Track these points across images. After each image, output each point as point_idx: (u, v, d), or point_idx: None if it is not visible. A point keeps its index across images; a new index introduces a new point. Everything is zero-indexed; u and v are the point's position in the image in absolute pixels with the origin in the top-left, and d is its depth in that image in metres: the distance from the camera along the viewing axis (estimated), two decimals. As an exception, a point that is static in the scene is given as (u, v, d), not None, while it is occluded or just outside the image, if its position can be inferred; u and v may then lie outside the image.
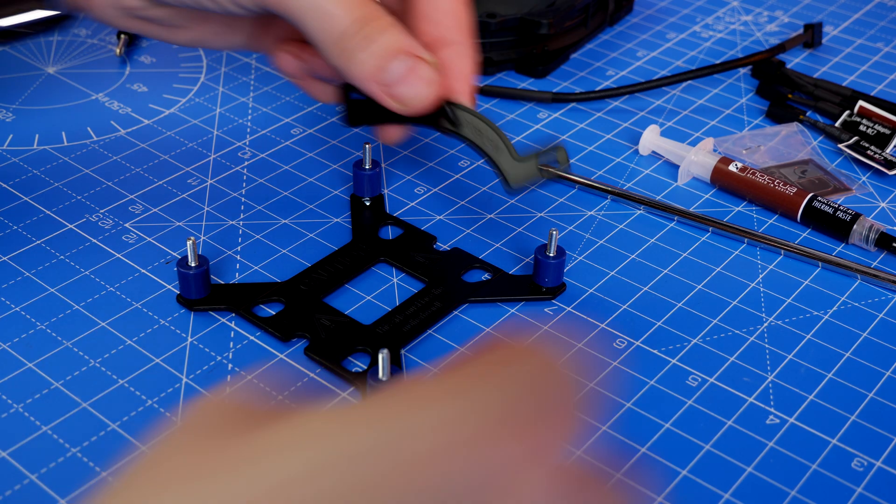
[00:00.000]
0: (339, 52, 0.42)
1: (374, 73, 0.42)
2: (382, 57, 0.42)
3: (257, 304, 0.45)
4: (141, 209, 0.51)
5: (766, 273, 0.48)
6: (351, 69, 0.42)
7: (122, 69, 0.63)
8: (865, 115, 0.58)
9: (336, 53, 0.42)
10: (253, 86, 0.62)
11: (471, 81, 0.45)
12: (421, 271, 0.47)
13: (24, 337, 0.43)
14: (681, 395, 0.42)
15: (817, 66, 0.66)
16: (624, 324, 0.45)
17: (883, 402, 0.42)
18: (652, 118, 0.60)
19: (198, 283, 0.44)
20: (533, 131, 0.58)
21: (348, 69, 0.42)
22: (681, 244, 0.50)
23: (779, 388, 0.42)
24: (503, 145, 0.44)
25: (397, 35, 0.42)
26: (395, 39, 0.42)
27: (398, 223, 0.50)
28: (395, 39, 0.42)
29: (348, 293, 0.46)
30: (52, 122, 0.58)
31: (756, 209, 0.53)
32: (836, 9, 0.73)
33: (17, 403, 0.40)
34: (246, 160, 0.55)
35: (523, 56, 0.63)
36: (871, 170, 0.56)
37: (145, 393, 0.41)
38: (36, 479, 0.37)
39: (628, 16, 0.71)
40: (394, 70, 0.42)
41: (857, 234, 0.50)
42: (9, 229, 0.49)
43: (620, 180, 0.55)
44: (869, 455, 0.39)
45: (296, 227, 0.50)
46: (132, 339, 0.44)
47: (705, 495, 0.38)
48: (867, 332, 0.45)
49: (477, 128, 0.45)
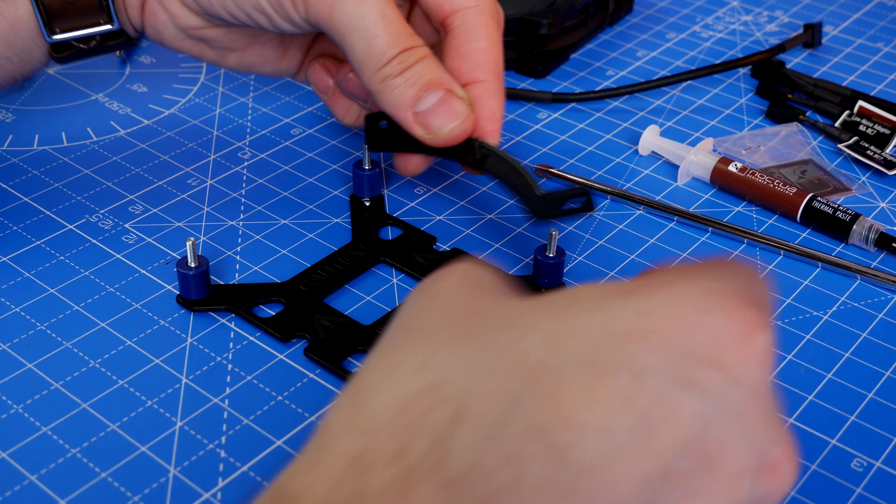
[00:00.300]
0: (376, 75, 0.44)
1: (408, 100, 0.44)
2: (418, 86, 0.44)
3: (257, 305, 0.45)
4: (141, 210, 0.51)
5: (765, 273, 0.48)
6: (386, 93, 0.44)
7: (122, 69, 0.63)
8: (865, 115, 0.58)
9: (373, 75, 0.44)
10: (253, 86, 0.62)
11: (499, 121, 0.46)
12: (421, 272, 0.47)
13: (24, 337, 0.43)
14: (680, 395, 0.42)
15: (817, 66, 0.66)
16: (624, 324, 0.45)
17: (882, 402, 0.42)
18: (652, 118, 0.60)
19: (197, 283, 0.44)
20: (533, 131, 0.58)
21: (383, 93, 0.44)
22: (681, 244, 0.50)
23: (778, 388, 0.42)
24: (528, 182, 0.45)
25: (434, 67, 0.44)
26: (432, 71, 0.44)
27: (398, 223, 0.50)
28: (432, 71, 0.44)
29: (348, 294, 0.46)
30: (52, 123, 0.58)
31: (756, 209, 0.53)
32: (836, 9, 0.73)
33: (17, 404, 0.40)
34: (246, 160, 0.55)
35: (523, 56, 0.63)
36: (871, 170, 0.56)
37: (145, 394, 0.41)
38: (36, 479, 0.37)
39: (628, 16, 0.71)
40: (427, 100, 0.44)
41: (857, 234, 0.50)
42: (9, 230, 0.49)
43: (620, 180, 0.55)
44: (868, 455, 0.39)
45: (296, 228, 0.50)
46: (132, 339, 0.44)
47: (705, 496, 0.38)
48: (867, 333, 0.45)
49: (501, 164, 0.46)
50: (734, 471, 0.24)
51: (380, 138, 0.48)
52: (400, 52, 0.44)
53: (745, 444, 0.24)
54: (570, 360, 0.24)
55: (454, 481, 0.22)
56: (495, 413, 0.23)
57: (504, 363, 0.24)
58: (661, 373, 0.24)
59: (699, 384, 0.24)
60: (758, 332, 0.25)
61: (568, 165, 0.56)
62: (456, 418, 0.23)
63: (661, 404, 0.23)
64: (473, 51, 0.46)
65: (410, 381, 0.24)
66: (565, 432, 0.23)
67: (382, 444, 0.23)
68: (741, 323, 0.25)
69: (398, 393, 0.24)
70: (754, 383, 0.25)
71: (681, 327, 0.25)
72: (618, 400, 0.23)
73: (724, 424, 0.24)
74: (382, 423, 0.23)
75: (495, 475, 0.22)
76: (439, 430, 0.23)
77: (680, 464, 0.23)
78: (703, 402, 0.24)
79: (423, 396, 0.24)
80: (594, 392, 0.23)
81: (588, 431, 0.23)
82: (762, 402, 0.25)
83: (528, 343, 0.25)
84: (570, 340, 0.24)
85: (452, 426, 0.23)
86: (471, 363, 0.24)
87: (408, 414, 0.23)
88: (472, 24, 0.46)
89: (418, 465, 0.22)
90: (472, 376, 0.24)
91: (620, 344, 0.24)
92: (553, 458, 0.22)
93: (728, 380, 0.25)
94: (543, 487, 0.22)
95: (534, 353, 0.24)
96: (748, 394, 0.25)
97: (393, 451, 0.23)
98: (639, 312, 0.25)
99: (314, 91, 0.53)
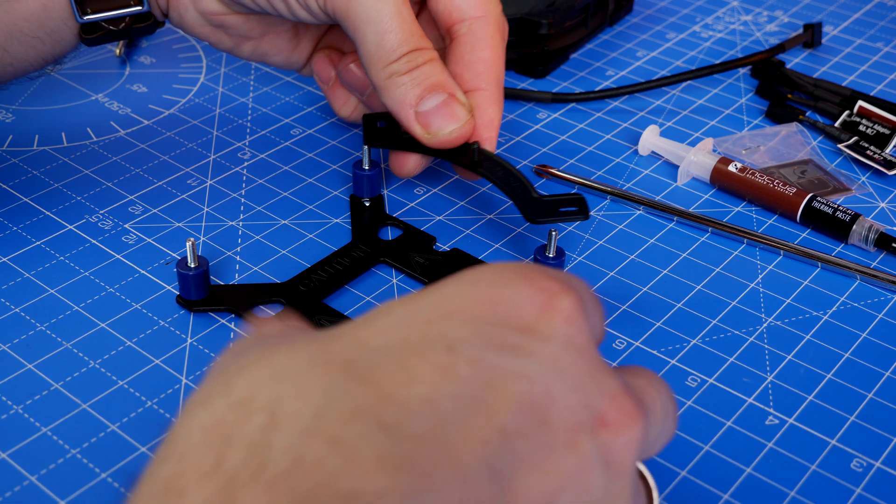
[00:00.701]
0: (384, 70, 0.45)
1: (412, 99, 0.46)
2: (423, 87, 0.45)
3: (257, 306, 0.45)
4: (141, 210, 0.51)
5: (765, 273, 0.48)
6: (391, 89, 0.46)
7: (122, 69, 0.63)
8: (865, 115, 0.58)
9: (381, 70, 0.46)
10: (253, 86, 0.62)
11: (496, 129, 0.48)
12: (420, 272, 0.47)
13: (24, 338, 0.43)
14: (680, 395, 0.42)
15: (817, 66, 0.66)
16: (623, 324, 0.45)
17: (882, 402, 0.42)
18: (651, 118, 0.60)
19: (197, 283, 0.44)
20: (533, 131, 0.58)
21: (388, 88, 0.46)
22: (680, 244, 0.50)
23: (778, 388, 0.42)
24: (524, 185, 0.46)
25: (440, 70, 0.46)
26: (438, 74, 0.46)
27: (398, 223, 0.50)
28: (438, 74, 0.46)
29: (348, 294, 0.46)
30: (51, 123, 0.58)
31: (755, 209, 0.53)
32: (836, 9, 0.73)
33: (16, 405, 0.40)
34: (246, 161, 0.55)
35: (523, 56, 0.63)
36: (871, 170, 0.56)
37: (145, 394, 0.41)
38: (36, 480, 0.37)
39: (628, 16, 0.71)
40: (430, 101, 0.46)
41: (857, 234, 0.50)
42: (9, 230, 0.49)
43: (620, 181, 0.55)
44: (868, 456, 0.39)
45: (295, 228, 0.50)
46: (132, 340, 0.44)
47: (705, 496, 0.38)
48: (866, 333, 0.45)
49: (497, 168, 0.47)
50: (568, 424, 0.24)
51: (377, 136, 0.49)
52: (410, 50, 0.45)
53: (573, 397, 0.25)
54: (381, 351, 0.24)
55: (279, 480, 0.21)
56: (311, 407, 0.22)
57: (314, 365, 0.24)
58: (474, 340, 0.24)
59: (513, 346, 0.25)
60: (558, 296, 0.26)
61: (568, 165, 0.56)
62: (271, 422, 0.22)
63: (480, 368, 0.24)
64: (477, 59, 0.48)
65: (218, 401, 0.23)
66: (390, 409, 0.22)
67: (194, 464, 0.22)
68: (539, 290, 0.26)
69: (207, 415, 0.23)
70: (566, 340, 0.26)
71: (480, 303, 0.25)
72: (436, 372, 0.23)
73: (547, 378, 0.24)
74: (191, 446, 0.22)
75: (322, 463, 0.21)
76: (255, 437, 0.22)
77: (516, 422, 0.23)
78: (521, 361, 0.24)
79: (234, 411, 0.23)
80: (411, 369, 0.23)
81: (413, 405, 0.23)
82: (580, 357, 0.26)
83: (336, 346, 0.24)
84: (378, 336, 0.25)
85: (268, 430, 0.22)
86: (279, 372, 0.24)
87: (219, 430, 0.22)
88: (478, 34, 0.48)
89: (238, 474, 0.21)
90: (281, 383, 0.23)
91: (427, 327, 0.25)
92: (382, 434, 0.22)
93: (539, 339, 0.25)
94: (379, 464, 0.21)
95: (344, 353, 0.24)
96: (562, 350, 0.25)
97: (208, 468, 0.22)
98: (437, 300, 0.26)
99: (316, 80, 0.54)
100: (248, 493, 0.21)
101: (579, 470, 0.24)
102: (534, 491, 0.23)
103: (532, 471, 0.23)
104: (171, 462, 0.22)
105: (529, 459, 0.23)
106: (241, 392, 0.23)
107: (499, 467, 0.23)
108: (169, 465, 0.22)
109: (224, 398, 0.23)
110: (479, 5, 0.48)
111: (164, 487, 0.22)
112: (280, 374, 0.23)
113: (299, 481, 0.21)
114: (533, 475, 0.23)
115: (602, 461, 0.25)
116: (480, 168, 0.47)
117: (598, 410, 0.25)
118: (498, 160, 0.47)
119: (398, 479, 0.21)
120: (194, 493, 0.21)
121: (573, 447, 0.24)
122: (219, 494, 0.21)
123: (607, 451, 0.25)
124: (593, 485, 0.25)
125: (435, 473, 0.22)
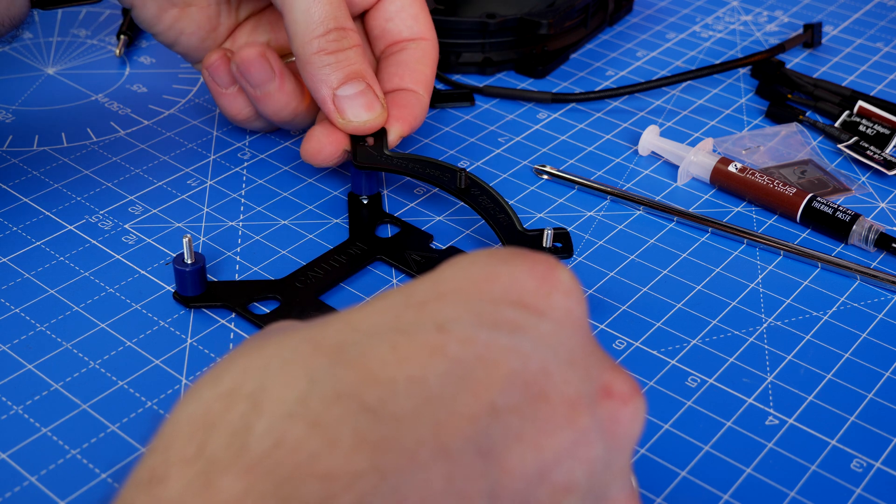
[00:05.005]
0: (310, 43, 0.47)
1: (333, 81, 0.47)
2: (345, 72, 0.47)
3: (253, 302, 0.45)
4: (140, 210, 0.51)
5: (765, 273, 0.48)
6: (315, 66, 0.47)
7: (122, 70, 0.63)
8: (865, 115, 0.58)
9: (307, 42, 0.47)
10: (253, 86, 0.62)
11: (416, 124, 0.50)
12: (417, 270, 0.47)
13: (24, 338, 0.43)
14: (680, 395, 0.42)
15: (817, 66, 0.66)
16: (623, 324, 0.45)
17: (882, 402, 0.42)
18: (651, 118, 0.60)
19: (194, 279, 0.44)
20: (533, 131, 0.58)
21: (312, 64, 0.47)
22: (680, 245, 0.50)
23: (778, 388, 0.42)
24: (511, 218, 0.47)
25: (363, 60, 0.48)
26: (360, 62, 0.48)
27: (395, 221, 0.50)
28: (360, 62, 0.48)
29: (344, 291, 0.46)
30: (51, 123, 0.58)
31: (755, 209, 0.53)
32: (836, 9, 0.73)
33: (16, 405, 0.40)
34: (246, 160, 0.55)
35: (523, 56, 0.63)
36: (871, 170, 0.56)
37: (145, 394, 0.41)
38: (36, 480, 0.37)
39: (628, 16, 0.71)
40: (349, 88, 0.48)
41: (857, 234, 0.50)
42: (9, 230, 0.49)
43: (620, 181, 0.55)
44: (868, 456, 0.39)
45: (295, 228, 0.50)
46: (132, 340, 0.44)
47: (705, 496, 0.38)
48: (866, 333, 0.45)
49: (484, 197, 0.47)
50: (567, 398, 0.24)
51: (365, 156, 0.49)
52: (337, 27, 0.47)
53: (570, 372, 0.25)
54: (371, 333, 0.24)
55: (257, 463, 0.21)
56: (295, 392, 0.22)
57: (302, 351, 0.24)
58: (466, 319, 0.24)
59: (507, 323, 0.25)
60: (556, 269, 0.26)
61: (568, 165, 0.56)
62: (253, 408, 0.22)
63: (472, 346, 0.24)
64: (419, 70, 0.51)
65: (206, 392, 0.23)
66: (374, 390, 0.22)
67: (177, 452, 0.22)
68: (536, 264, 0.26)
69: (195, 406, 0.23)
70: (564, 314, 0.26)
71: (475, 282, 0.25)
72: (426, 351, 0.23)
73: (542, 354, 0.24)
74: (177, 436, 0.23)
75: (302, 446, 0.21)
76: (238, 423, 0.22)
77: (508, 398, 0.23)
78: (515, 338, 0.24)
79: (220, 401, 0.23)
80: (400, 350, 0.23)
81: (399, 385, 0.23)
82: (578, 331, 0.26)
83: (328, 330, 0.24)
84: (370, 319, 0.25)
85: (250, 416, 0.22)
86: (267, 361, 0.24)
87: (204, 419, 0.23)
88: (425, 51, 0.52)
89: (218, 458, 0.21)
90: (268, 371, 0.23)
91: (419, 310, 0.25)
92: (365, 415, 0.22)
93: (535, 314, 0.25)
94: (359, 444, 0.21)
95: (335, 337, 0.24)
96: (561, 324, 0.25)
97: (190, 454, 0.22)
98: (432, 284, 0.26)
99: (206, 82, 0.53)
100: (226, 476, 0.21)
101: (577, 443, 0.24)
102: (528, 466, 0.23)
103: (525, 446, 0.23)
104: (157, 453, 0.23)
105: (522, 434, 0.23)
106: (228, 382, 0.23)
107: (488, 444, 0.23)
108: (155, 455, 0.23)
109: (212, 389, 0.23)
110: (430, 30, 0.52)
111: (148, 477, 0.22)
112: (268, 363, 0.24)
113: (278, 464, 0.21)
114: (527, 450, 0.23)
115: (604, 433, 0.25)
116: (468, 195, 0.47)
117: (603, 382, 0.25)
118: (486, 187, 0.48)
119: (379, 459, 0.21)
120: (175, 479, 0.21)
121: (572, 420, 0.24)
122: (198, 478, 0.21)
123: (612, 423, 0.25)
124: (593, 458, 0.24)
125: (419, 452, 0.22)
